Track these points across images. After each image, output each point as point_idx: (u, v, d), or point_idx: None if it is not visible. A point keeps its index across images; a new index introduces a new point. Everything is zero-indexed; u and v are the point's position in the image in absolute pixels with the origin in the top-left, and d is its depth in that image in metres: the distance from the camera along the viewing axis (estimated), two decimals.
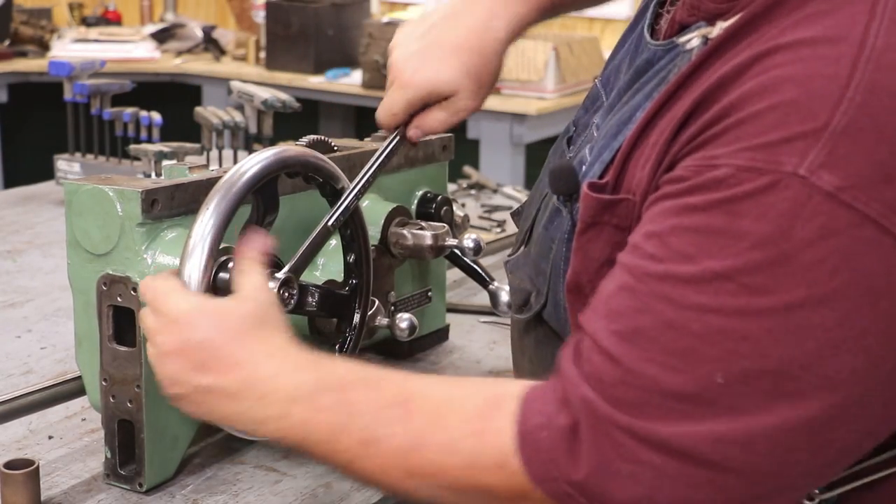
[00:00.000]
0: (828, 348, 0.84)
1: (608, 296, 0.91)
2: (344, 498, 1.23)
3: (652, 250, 0.89)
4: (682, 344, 0.85)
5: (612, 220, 0.99)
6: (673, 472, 0.85)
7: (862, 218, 0.83)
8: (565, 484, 0.87)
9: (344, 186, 1.25)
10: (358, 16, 4.73)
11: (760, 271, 0.84)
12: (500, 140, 4.10)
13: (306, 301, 1.21)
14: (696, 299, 0.85)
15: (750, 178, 0.85)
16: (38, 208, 2.37)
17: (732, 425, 0.84)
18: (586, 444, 0.87)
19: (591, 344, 0.90)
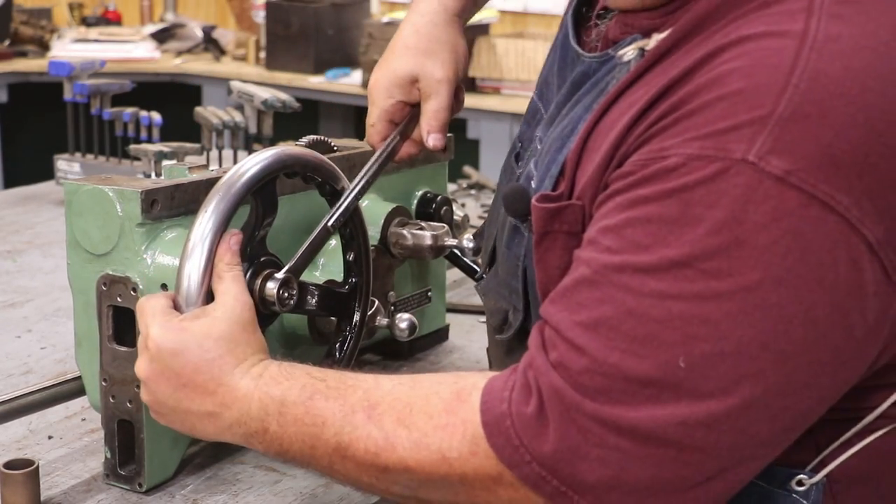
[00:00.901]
0: (782, 324, 0.87)
1: (569, 288, 0.93)
2: (344, 498, 1.23)
3: (608, 243, 0.91)
4: (643, 331, 0.88)
5: (562, 228, 1.02)
6: (640, 455, 0.88)
7: (809, 198, 0.86)
8: (536, 465, 0.90)
9: (344, 186, 1.25)
10: (358, 16, 4.74)
11: (717, 256, 0.86)
12: (500, 140, 4.10)
13: (306, 300, 1.21)
14: (655, 287, 0.88)
15: (700, 166, 0.87)
16: (38, 208, 2.37)
17: (696, 408, 0.87)
18: (554, 431, 0.89)
19: (554, 334, 0.92)
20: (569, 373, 0.90)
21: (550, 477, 0.90)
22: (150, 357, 1.07)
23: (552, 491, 0.90)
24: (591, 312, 0.90)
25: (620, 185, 0.92)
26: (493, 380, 0.95)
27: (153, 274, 1.17)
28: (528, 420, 0.90)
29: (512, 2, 4.84)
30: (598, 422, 0.88)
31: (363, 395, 0.99)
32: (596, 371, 0.89)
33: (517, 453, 0.90)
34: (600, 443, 0.88)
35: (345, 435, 0.98)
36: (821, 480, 0.99)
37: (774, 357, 0.87)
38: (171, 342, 1.06)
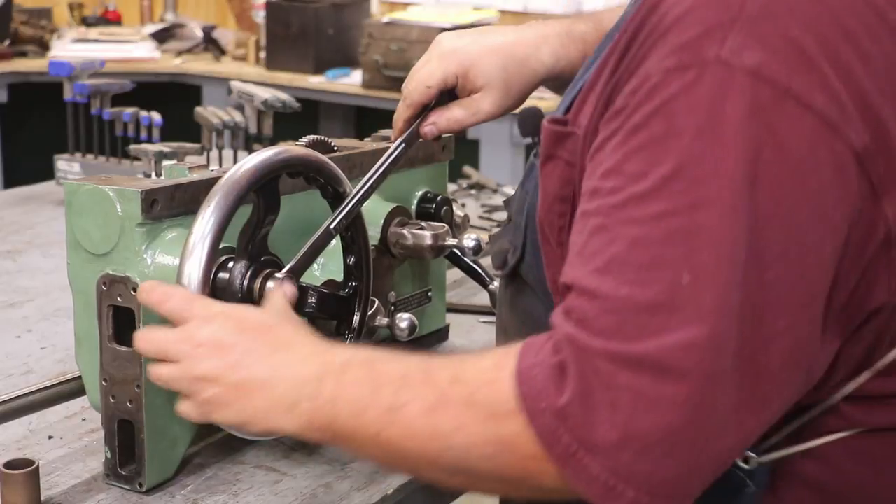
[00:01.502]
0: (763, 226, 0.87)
1: (581, 245, 0.94)
2: (344, 498, 1.23)
3: (611, 185, 0.92)
4: (648, 256, 0.88)
5: (563, 155, 1.04)
6: (651, 393, 0.86)
7: (784, 92, 0.87)
8: (550, 415, 0.89)
9: (346, 190, 1.25)
10: (358, 16, 4.74)
11: (702, 161, 0.87)
12: (500, 140, 4.10)
13: (306, 302, 1.21)
14: (655, 209, 0.88)
15: (678, 77, 0.89)
16: (38, 208, 2.37)
17: (702, 328, 0.86)
18: (571, 377, 0.89)
19: (573, 294, 0.92)
20: (582, 319, 0.90)
21: (562, 430, 0.88)
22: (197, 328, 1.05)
23: (564, 451, 0.88)
24: (602, 256, 0.90)
25: (614, 125, 0.94)
26: (531, 338, 0.95)
27: (153, 274, 1.17)
28: (550, 370, 0.90)
29: (512, 2, 4.84)
30: (608, 359, 0.87)
31: (420, 359, 1.00)
32: (608, 310, 0.88)
33: (537, 401, 0.90)
34: (612, 384, 0.87)
35: (402, 394, 0.97)
36: (767, 465, 0.99)
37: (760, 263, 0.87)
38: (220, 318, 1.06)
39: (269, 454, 1.31)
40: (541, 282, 1.14)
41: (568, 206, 1.05)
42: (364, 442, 0.99)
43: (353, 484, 1.25)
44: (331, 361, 1.02)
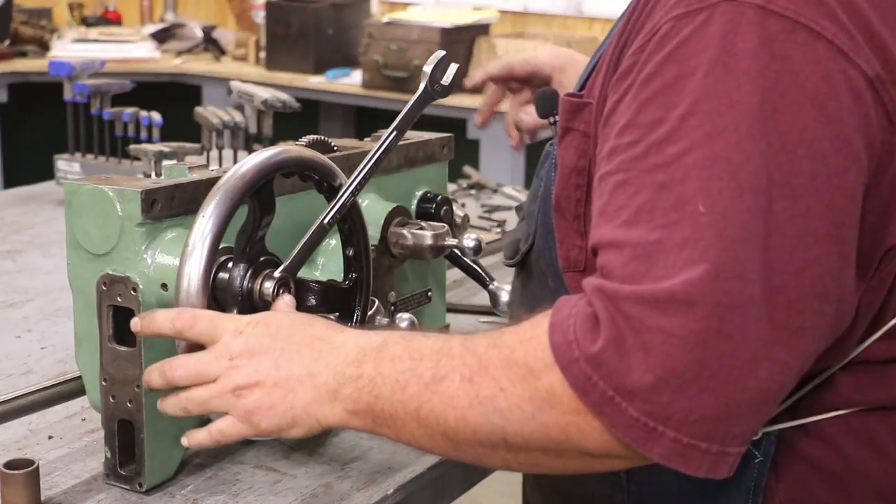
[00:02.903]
0: (785, 155, 0.87)
1: (605, 203, 0.94)
2: (344, 498, 1.23)
3: (629, 139, 0.93)
4: (673, 197, 0.89)
5: (579, 126, 1.07)
6: (681, 330, 0.86)
7: (793, 24, 0.88)
8: (584, 363, 0.88)
9: (341, 183, 1.25)
10: (358, 16, 4.74)
11: (716, 94, 0.89)
12: (500, 140, 4.08)
13: (306, 297, 1.21)
14: (674, 150, 0.89)
15: (687, 22, 0.91)
16: (38, 208, 2.37)
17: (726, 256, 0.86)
18: (602, 325, 0.89)
19: (601, 252, 0.93)
20: (610, 270, 0.90)
21: (596, 377, 0.88)
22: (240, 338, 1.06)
23: (600, 398, 0.88)
24: (629, 209, 0.91)
25: (624, 84, 0.95)
26: (564, 297, 0.96)
27: (153, 274, 1.17)
28: (584, 319, 0.90)
29: (512, 2, 4.84)
30: (639, 302, 0.87)
31: (458, 334, 1.01)
32: (637, 256, 0.89)
33: (569, 350, 0.90)
34: (642, 326, 0.87)
35: (441, 365, 0.97)
36: (772, 436, 0.99)
37: (785, 192, 0.87)
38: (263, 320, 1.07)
39: (269, 454, 1.31)
40: (551, 265, 1.14)
41: (584, 177, 1.07)
42: (406, 419, 0.99)
43: (353, 484, 1.25)
44: (368, 343, 1.03)
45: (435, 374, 0.97)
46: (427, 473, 1.29)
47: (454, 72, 1.32)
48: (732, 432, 0.88)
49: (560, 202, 1.10)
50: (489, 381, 0.94)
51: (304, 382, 1.04)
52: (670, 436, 0.87)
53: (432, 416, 0.97)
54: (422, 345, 1.00)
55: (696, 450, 0.87)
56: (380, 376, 1.01)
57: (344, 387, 1.02)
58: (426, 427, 0.99)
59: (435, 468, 1.30)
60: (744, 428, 0.89)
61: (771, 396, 0.90)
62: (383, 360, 1.01)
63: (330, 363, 1.04)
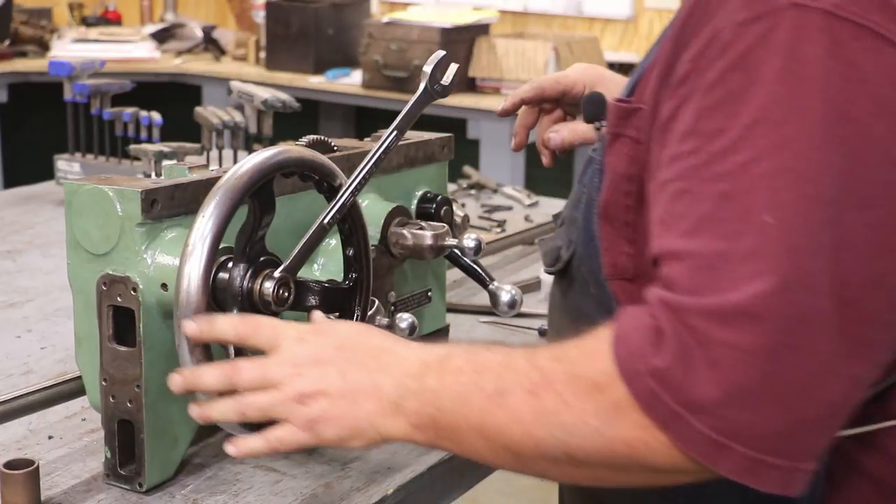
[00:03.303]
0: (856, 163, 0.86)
1: (665, 212, 0.93)
2: (344, 498, 1.23)
3: (689, 147, 0.91)
4: (738, 207, 0.87)
5: (630, 132, 1.04)
6: (748, 344, 0.84)
7: (861, 29, 0.87)
8: (650, 378, 0.87)
9: (341, 183, 1.25)
10: (358, 16, 4.74)
11: (785, 103, 0.87)
12: (500, 140, 4.10)
13: (306, 297, 1.21)
14: (739, 159, 0.88)
15: (752, 28, 0.89)
16: (38, 208, 2.37)
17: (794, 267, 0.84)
18: (667, 339, 0.87)
19: (663, 263, 0.91)
20: (674, 282, 0.89)
21: (663, 392, 0.87)
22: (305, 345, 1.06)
23: (666, 414, 0.87)
24: (690, 219, 0.90)
25: (683, 91, 0.94)
26: (628, 308, 0.95)
27: (153, 274, 1.17)
28: (648, 333, 0.89)
29: (512, 2, 4.84)
30: (704, 316, 0.86)
31: (521, 347, 1.00)
32: (701, 267, 0.88)
33: (634, 364, 0.89)
34: (708, 341, 0.85)
35: (504, 378, 0.96)
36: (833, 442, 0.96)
37: (855, 202, 0.86)
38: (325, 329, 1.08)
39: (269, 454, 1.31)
40: (592, 273, 1.13)
41: (634, 184, 1.05)
42: (469, 433, 0.98)
43: (353, 484, 1.25)
44: (431, 356, 1.02)
45: (498, 387, 0.96)
46: (427, 473, 1.29)
47: (454, 72, 1.32)
48: (802, 447, 0.87)
49: (608, 209, 1.08)
50: (553, 395, 0.93)
51: (368, 394, 1.03)
52: (739, 451, 0.86)
53: (495, 430, 0.96)
54: (485, 358, 1.00)
55: (766, 465, 0.86)
56: (442, 389, 1.00)
57: (406, 399, 1.01)
58: (489, 441, 0.97)
59: (435, 468, 1.31)
60: (814, 442, 0.88)
61: (840, 410, 0.88)
62: (446, 372, 1.00)
63: (393, 374, 1.03)
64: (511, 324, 1.73)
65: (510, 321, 1.73)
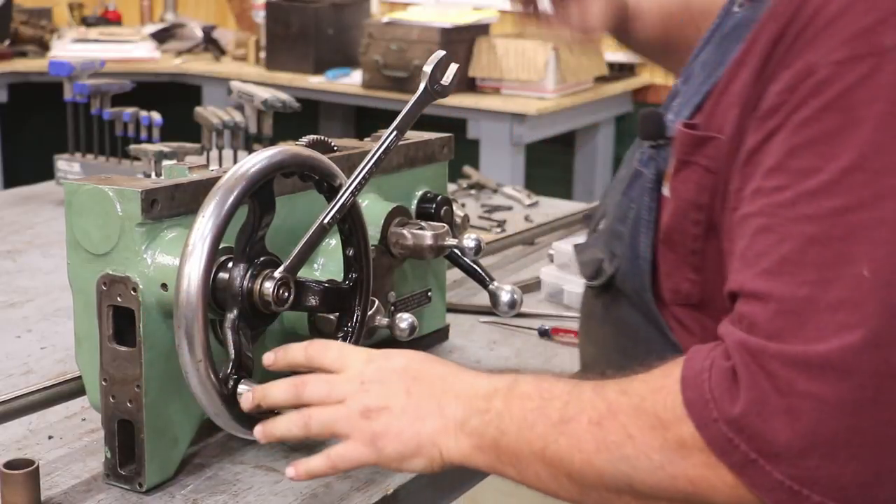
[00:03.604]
0: None
1: (745, 247, 0.92)
2: (344, 498, 1.23)
3: (775, 183, 0.89)
4: (828, 254, 0.85)
5: (701, 161, 1.02)
6: (834, 398, 0.83)
7: None
8: (724, 425, 0.87)
9: (341, 183, 1.25)
10: (358, 16, 4.73)
11: (886, 150, 0.85)
12: (500, 140, 4.10)
13: (306, 297, 1.21)
14: (832, 204, 0.86)
15: (852, 68, 0.86)
16: (38, 208, 2.37)
17: (888, 322, 0.83)
18: (744, 388, 0.86)
19: (741, 300, 0.90)
20: (754, 323, 0.88)
21: (738, 439, 0.86)
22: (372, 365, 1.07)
23: (741, 460, 0.86)
24: (771, 257, 0.88)
25: (771, 123, 0.92)
26: (697, 346, 0.94)
27: (153, 274, 1.18)
28: (720, 377, 0.88)
29: None
30: (787, 364, 0.85)
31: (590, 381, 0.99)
32: (785, 312, 0.86)
33: (706, 409, 0.88)
34: (790, 390, 0.84)
35: (570, 407, 0.96)
36: None
37: None
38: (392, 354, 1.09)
39: (269, 454, 1.31)
40: (637, 292, 1.12)
41: (704, 213, 1.03)
42: (530, 459, 0.98)
43: (353, 484, 1.25)
44: (498, 380, 1.03)
45: (563, 414, 0.96)
46: (427, 473, 1.29)
47: (454, 72, 1.32)
48: (881, 497, 0.86)
49: (672, 235, 1.07)
50: (617, 426, 0.93)
51: (432, 411, 1.03)
52: (816, 500, 0.85)
53: (557, 458, 0.96)
54: (552, 385, 1.00)
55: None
56: (508, 412, 1.00)
57: (471, 419, 1.01)
58: (551, 468, 0.97)
59: None
60: (892, 492, 0.87)
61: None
62: (513, 396, 1.00)
63: (460, 395, 1.03)
64: (511, 324, 1.73)
65: (510, 321, 1.73)
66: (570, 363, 1.60)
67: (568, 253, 1.84)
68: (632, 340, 1.10)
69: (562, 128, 4.37)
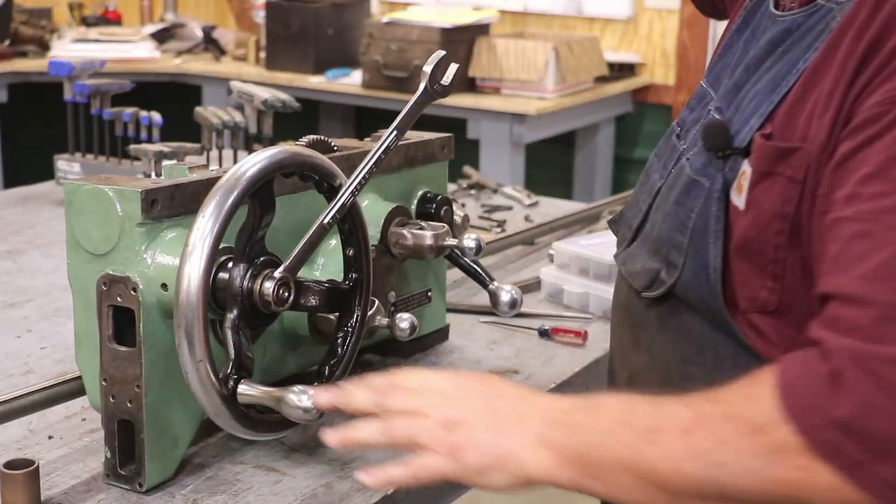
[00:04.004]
0: None
1: (840, 251, 0.94)
2: (344, 498, 1.23)
3: (874, 189, 0.92)
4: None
5: (785, 172, 1.04)
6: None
7: None
8: (830, 428, 0.88)
9: (341, 183, 1.25)
10: (358, 16, 4.73)
11: None
12: (500, 140, 4.10)
13: (306, 298, 1.21)
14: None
15: None
16: (38, 208, 2.37)
17: None
18: (849, 386, 0.88)
19: (837, 303, 0.92)
20: (860, 330, 0.89)
21: (847, 441, 0.88)
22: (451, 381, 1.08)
23: (850, 462, 0.88)
24: (870, 262, 0.90)
25: (869, 132, 0.95)
26: (790, 355, 0.95)
27: (153, 274, 1.18)
28: (822, 381, 0.89)
29: (512, 2, 4.84)
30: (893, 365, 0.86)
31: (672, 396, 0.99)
32: (887, 317, 0.88)
33: (809, 414, 0.89)
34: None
35: (656, 417, 0.97)
36: None
37: None
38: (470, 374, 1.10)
39: (269, 454, 1.31)
40: (704, 301, 1.13)
41: (787, 223, 1.05)
42: (617, 470, 0.98)
43: (353, 484, 1.25)
44: (577, 398, 1.03)
45: (649, 424, 0.97)
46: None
47: (454, 72, 1.32)
48: None
49: (750, 244, 1.08)
50: (707, 433, 0.94)
51: (514, 425, 1.03)
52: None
53: (645, 467, 0.96)
54: (633, 399, 1.00)
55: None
56: (592, 425, 1.00)
57: (554, 432, 1.01)
58: (639, 479, 0.97)
59: None
60: None
61: None
62: (595, 410, 1.01)
63: (541, 409, 1.03)
64: (511, 324, 1.73)
65: (510, 321, 1.73)
66: (570, 363, 1.60)
67: (568, 253, 1.84)
68: (696, 347, 1.11)
69: (562, 128, 4.37)
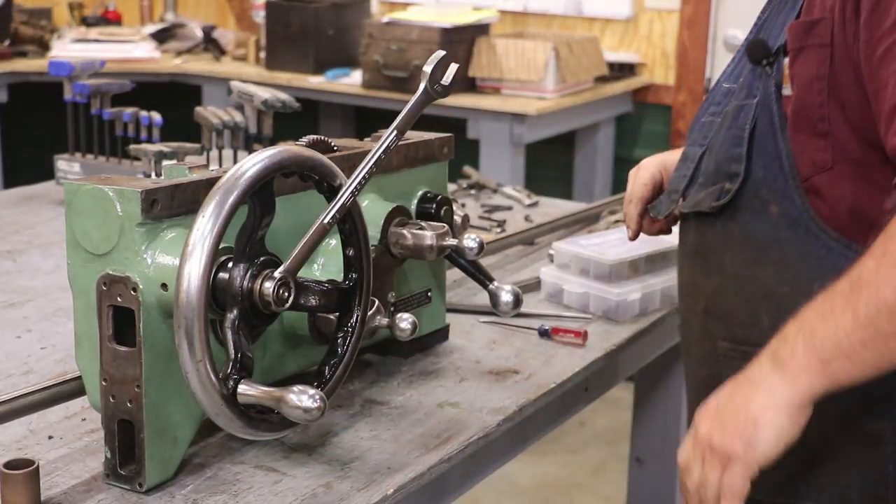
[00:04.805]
0: None
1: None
2: (344, 498, 1.23)
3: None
4: None
5: (814, 41, 1.22)
6: None
7: None
8: None
9: (341, 183, 1.25)
10: (358, 16, 4.73)
11: None
12: (500, 140, 4.09)
13: (306, 298, 1.21)
14: None
15: None
16: (38, 208, 2.37)
17: None
18: None
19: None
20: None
21: None
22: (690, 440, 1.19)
23: None
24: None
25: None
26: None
27: (153, 274, 1.18)
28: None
29: (512, 2, 4.84)
30: None
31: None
32: None
33: None
34: None
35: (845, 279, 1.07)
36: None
37: None
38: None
39: (269, 454, 1.31)
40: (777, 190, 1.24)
41: (825, 83, 1.21)
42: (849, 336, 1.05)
43: (353, 484, 1.25)
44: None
45: (846, 286, 1.05)
46: (427, 473, 1.29)
47: (454, 72, 1.32)
48: None
49: (799, 113, 1.22)
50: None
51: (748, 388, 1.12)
52: None
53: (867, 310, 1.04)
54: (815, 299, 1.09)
55: None
56: (803, 325, 1.09)
57: (779, 352, 1.10)
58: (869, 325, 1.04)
59: (435, 468, 1.31)
60: None
61: None
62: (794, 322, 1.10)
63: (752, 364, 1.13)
64: (511, 324, 1.73)
65: (510, 321, 1.73)
66: (570, 363, 1.60)
67: (568, 253, 1.84)
68: (761, 250, 1.24)
69: (562, 128, 4.36)
